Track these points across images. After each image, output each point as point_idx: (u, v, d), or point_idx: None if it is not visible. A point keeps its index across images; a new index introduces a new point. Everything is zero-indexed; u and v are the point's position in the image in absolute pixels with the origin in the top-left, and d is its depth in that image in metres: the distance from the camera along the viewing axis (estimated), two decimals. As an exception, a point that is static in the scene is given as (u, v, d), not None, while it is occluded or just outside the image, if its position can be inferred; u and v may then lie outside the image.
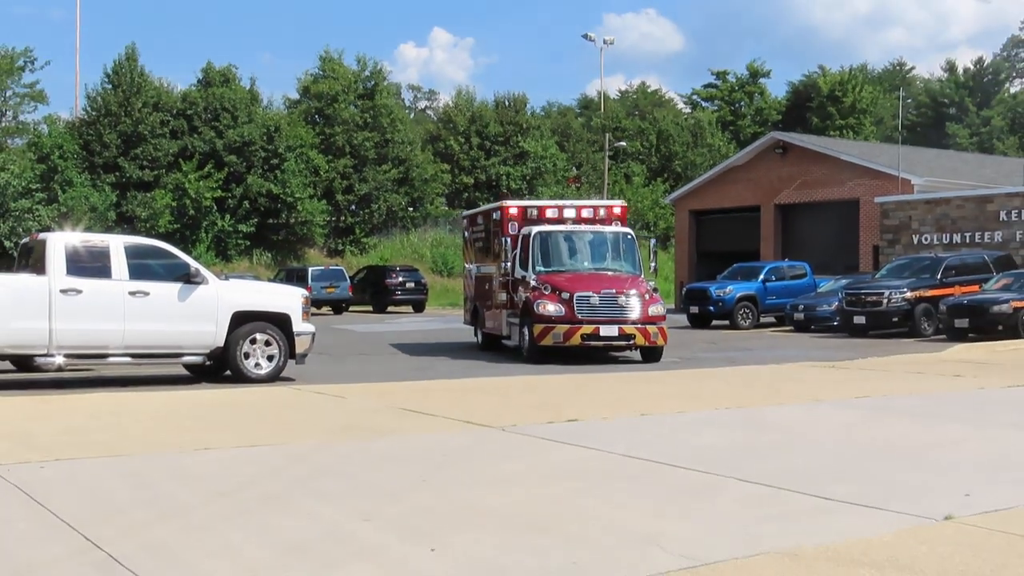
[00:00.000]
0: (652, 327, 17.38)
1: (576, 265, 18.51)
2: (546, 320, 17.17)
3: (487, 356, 19.13)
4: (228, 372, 14.02)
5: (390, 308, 40.85)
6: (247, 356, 13.92)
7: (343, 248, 52.09)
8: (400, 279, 40.87)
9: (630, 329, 17.20)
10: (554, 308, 17.22)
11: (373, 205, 52.36)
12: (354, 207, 52.91)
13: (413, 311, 40.50)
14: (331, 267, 42.40)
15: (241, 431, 9.36)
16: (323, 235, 51.16)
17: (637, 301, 17.38)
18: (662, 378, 14.67)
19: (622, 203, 20.71)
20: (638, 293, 17.54)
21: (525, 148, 58.55)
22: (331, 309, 39.51)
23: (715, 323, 29.32)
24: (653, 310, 17.51)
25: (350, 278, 41.32)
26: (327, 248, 52.10)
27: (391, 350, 20.80)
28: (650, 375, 15.20)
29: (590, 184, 60.49)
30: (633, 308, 17.31)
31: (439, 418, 10.07)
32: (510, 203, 20.01)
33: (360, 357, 19.19)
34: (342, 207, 52.34)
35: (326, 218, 50.65)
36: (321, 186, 50.73)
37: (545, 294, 17.48)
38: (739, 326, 28.79)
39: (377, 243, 53.14)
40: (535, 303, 17.41)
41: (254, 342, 13.95)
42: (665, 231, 53.77)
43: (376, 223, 53.18)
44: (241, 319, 13.90)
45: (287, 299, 14.58)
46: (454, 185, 58.18)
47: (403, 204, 53.49)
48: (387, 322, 33.20)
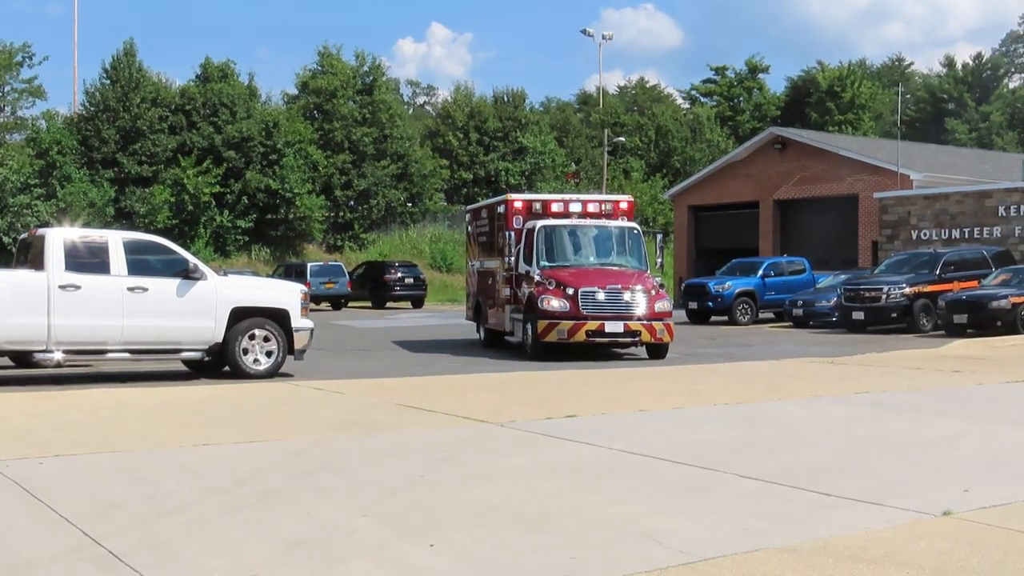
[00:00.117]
0: (658, 323, 17.06)
1: (581, 260, 18.08)
2: (550, 316, 16.82)
3: (489, 353, 18.84)
4: (227, 368, 14.00)
5: (389, 304, 40.86)
6: (246, 352, 13.91)
7: (342, 244, 52.06)
8: (399, 275, 40.86)
9: (636, 325, 16.88)
10: (558, 304, 16.86)
11: (372, 201, 52.32)
12: (353, 203, 52.87)
13: (412, 307, 40.51)
14: (330, 263, 42.36)
15: (240, 427, 9.36)
16: (322, 231, 51.12)
17: (643, 297, 17.04)
18: (661, 374, 14.68)
19: (629, 198, 20.13)
20: (644, 289, 17.19)
21: (524, 144, 58.51)
22: (330, 305, 39.49)
23: (714, 319, 29.32)
24: (659, 306, 17.19)
25: (349, 274, 41.31)
26: (326, 244, 52.06)
27: (390, 346, 20.77)
28: (649, 371, 15.20)
29: (589, 180, 60.46)
30: (639, 304, 16.99)
31: (438, 414, 10.07)
32: (515, 196, 19.47)
33: (359, 353, 19.16)
34: (341, 203, 52.30)
35: (325, 214, 50.62)
36: (320, 182, 50.68)
37: (549, 289, 17.10)
38: (738, 322, 28.79)
39: (376, 239, 53.12)
40: (539, 298, 17.02)
41: (253, 338, 13.94)
42: (664, 227, 53.76)
43: (375, 219, 53.15)
44: (240, 315, 13.88)
45: (286, 295, 14.55)
46: (453, 181, 58.17)
47: (402, 200, 53.44)
48: (386, 318, 33.20)
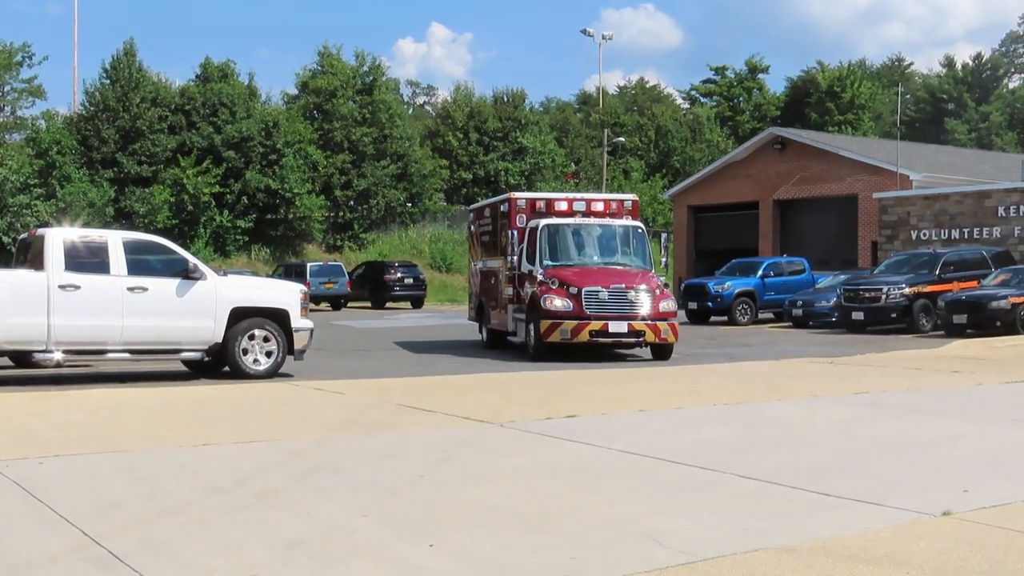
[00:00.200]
0: (663, 324, 16.81)
1: (585, 259, 17.86)
2: (553, 316, 16.60)
3: (491, 354, 18.64)
4: (226, 368, 13.99)
5: (389, 304, 40.86)
6: (245, 352, 13.90)
7: (341, 244, 52.04)
8: (399, 275, 40.85)
9: (640, 325, 16.64)
10: (562, 303, 16.64)
11: (372, 201, 52.30)
12: (352, 203, 52.85)
13: (412, 307, 40.50)
14: (330, 263, 42.35)
15: (240, 427, 9.36)
16: (321, 231, 51.10)
17: (647, 297, 16.80)
18: (661, 374, 14.67)
19: (633, 197, 19.78)
20: (648, 288, 16.97)
21: (523, 144, 58.50)
22: (330, 305, 39.47)
23: (713, 319, 29.32)
24: (664, 306, 16.96)
25: (349, 274, 41.31)
26: (325, 244, 52.04)
27: (390, 346, 20.76)
28: (649, 371, 15.20)
29: (588, 180, 60.45)
30: (643, 304, 16.75)
31: (438, 414, 10.06)
32: (518, 195, 19.09)
33: (359, 353, 19.15)
34: (340, 203, 52.28)
35: (324, 214, 50.59)
36: (319, 182, 50.66)
37: (552, 289, 16.89)
38: (737, 322, 28.79)
39: (375, 239, 53.11)
40: (542, 298, 16.79)
41: (252, 338, 13.93)
42: (663, 226, 53.76)
43: (374, 219, 53.13)
44: (239, 315, 13.87)
45: (285, 295, 14.54)
46: (452, 181, 58.17)
47: (401, 200, 53.43)
48: (386, 318, 33.20)
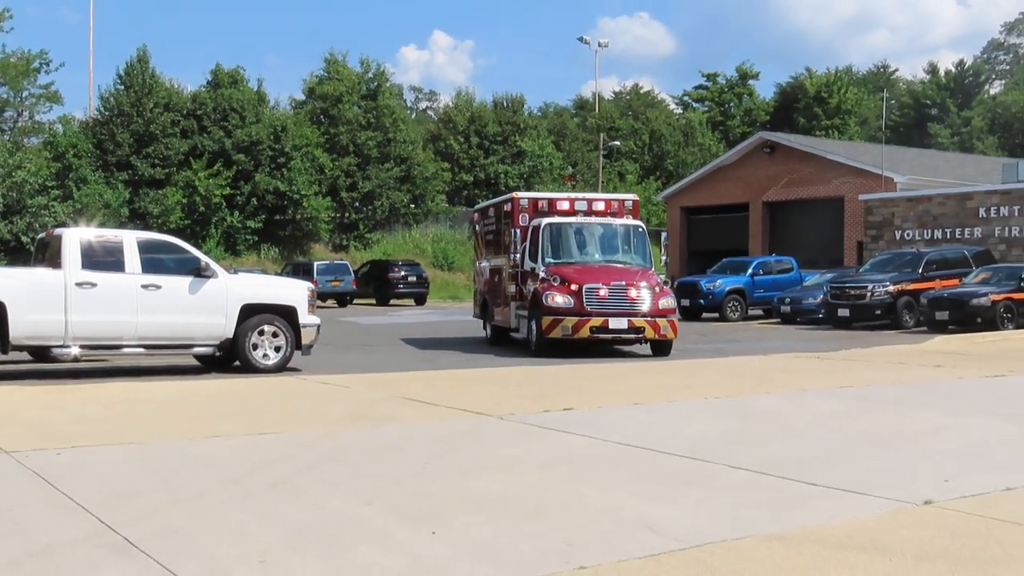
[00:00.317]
0: (662, 320, 16.69)
1: (586, 257, 17.76)
2: (555, 312, 16.52)
3: (494, 350, 18.56)
4: (237, 362, 14.02)
5: (393, 301, 40.87)
6: (255, 347, 13.94)
7: (347, 243, 52.03)
8: (402, 273, 40.87)
9: (640, 322, 16.56)
10: (563, 300, 16.56)
11: (376, 202, 52.29)
12: (358, 204, 52.83)
13: (415, 304, 40.53)
14: (336, 261, 42.37)
15: (250, 419, 9.36)
16: (328, 231, 51.09)
17: (647, 294, 16.70)
18: (655, 369, 14.67)
19: (634, 197, 19.65)
20: (648, 286, 16.87)
21: (522, 147, 58.53)
22: (336, 302, 39.47)
23: (705, 315, 29.33)
24: (663, 303, 16.86)
25: (354, 272, 41.33)
26: (332, 243, 52.03)
27: (394, 342, 20.76)
28: (644, 366, 15.21)
29: (585, 182, 60.45)
30: (643, 301, 16.65)
31: (440, 407, 10.06)
32: (521, 195, 19.02)
33: (364, 348, 19.16)
34: (346, 204, 52.26)
35: (331, 214, 50.57)
36: (326, 184, 50.65)
37: (554, 286, 16.80)
38: (728, 318, 28.81)
39: (380, 238, 53.12)
40: (544, 295, 16.71)
41: (262, 333, 13.96)
42: (657, 227, 53.76)
43: (379, 219, 53.12)
44: (249, 311, 13.90)
45: (293, 292, 14.56)
46: (454, 183, 58.20)
47: (405, 201, 53.41)
48: (390, 314, 33.20)
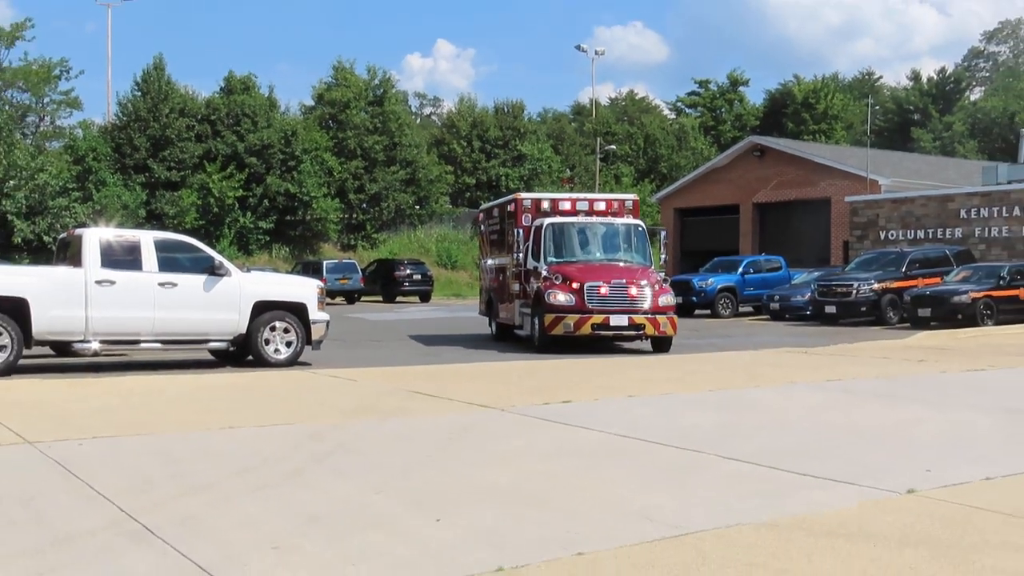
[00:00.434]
0: (662, 317, 16.56)
1: (587, 256, 17.66)
2: (557, 310, 16.41)
3: (498, 345, 18.49)
4: (250, 357, 14.03)
5: (399, 298, 40.93)
6: (267, 342, 13.95)
7: (355, 243, 52.04)
8: (408, 271, 40.90)
9: (640, 319, 16.42)
10: (565, 298, 16.45)
11: (382, 203, 52.29)
12: (365, 205, 52.83)
13: (420, 301, 40.55)
14: (344, 260, 42.38)
15: (262, 412, 9.36)
16: (336, 231, 51.09)
17: (647, 291, 16.56)
18: (651, 364, 14.65)
19: (634, 197, 19.61)
20: (648, 283, 16.70)
21: (522, 151, 58.54)
22: (344, 299, 39.50)
23: (697, 312, 29.33)
24: (663, 300, 16.74)
25: (362, 270, 41.34)
26: (340, 243, 52.04)
27: (401, 337, 20.76)
28: (641, 361, 15.19)
29: (582, 184, 60.40)
30: (643, 298, 16.50)
31: (445, 400, 10.07)
32: (524, 195, 18.91)
33: (372, 344, 19.16)
34: (354, 205, 52.26)
35: (339, 215, 50.57)
36: (335, 186, 50.65)
37: (556, 284, 16.71)
38: (719, 315, 28.82)
39: (386, 238, 53.13)
40: (546, 292, 16.61)
41: (274, 329, 13.98)
42: (651, 228, 53.72)
43: (385, 220, 53.12)
44: (262, 308, 13.92)
45: (304, 289, 14.58)
46: (457, 185, 58.21)
47: (410, 202, 53.42)
48: (396, 311, 33.21)
